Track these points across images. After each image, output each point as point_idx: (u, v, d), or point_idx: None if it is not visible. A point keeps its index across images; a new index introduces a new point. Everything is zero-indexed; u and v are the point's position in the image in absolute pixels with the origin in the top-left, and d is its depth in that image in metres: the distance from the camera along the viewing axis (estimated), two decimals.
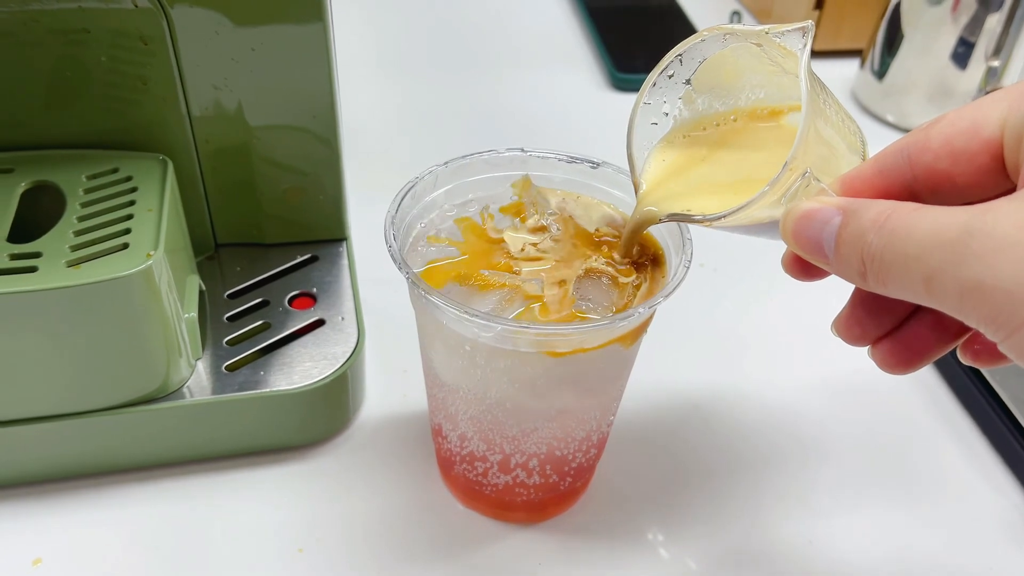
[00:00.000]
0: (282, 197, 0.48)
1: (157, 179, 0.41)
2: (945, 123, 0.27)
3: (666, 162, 0.36)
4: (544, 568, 0.40)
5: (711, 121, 0.36)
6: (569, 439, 0.37)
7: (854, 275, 0.26)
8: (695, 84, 0.34)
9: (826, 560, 0.41)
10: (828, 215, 0.27)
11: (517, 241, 0.36)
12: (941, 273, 0.23)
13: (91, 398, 0.39)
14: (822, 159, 0.30)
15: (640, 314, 0.32)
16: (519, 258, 0.36)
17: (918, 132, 0.28)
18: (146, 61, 0.41)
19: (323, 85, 0.44)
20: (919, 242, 0.24)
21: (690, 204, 0.33)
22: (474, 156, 0.39)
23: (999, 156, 0.26)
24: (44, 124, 0.42)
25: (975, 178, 0.27)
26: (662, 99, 0.35)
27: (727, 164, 0.35)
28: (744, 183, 0.33)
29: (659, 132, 0.36)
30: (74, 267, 0.36)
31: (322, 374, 0.42)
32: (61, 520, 0.40)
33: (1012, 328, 0.23)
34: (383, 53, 0.78)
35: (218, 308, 0.45)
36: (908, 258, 0.24)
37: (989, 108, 0.26)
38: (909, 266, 0.24)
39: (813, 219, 0.27)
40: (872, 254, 0.25)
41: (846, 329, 0.32)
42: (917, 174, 0.28)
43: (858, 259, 0.26)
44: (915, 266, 0.24)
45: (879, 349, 0.32)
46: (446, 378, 0.36)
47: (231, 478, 0.42)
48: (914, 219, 0.24)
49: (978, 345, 0.31)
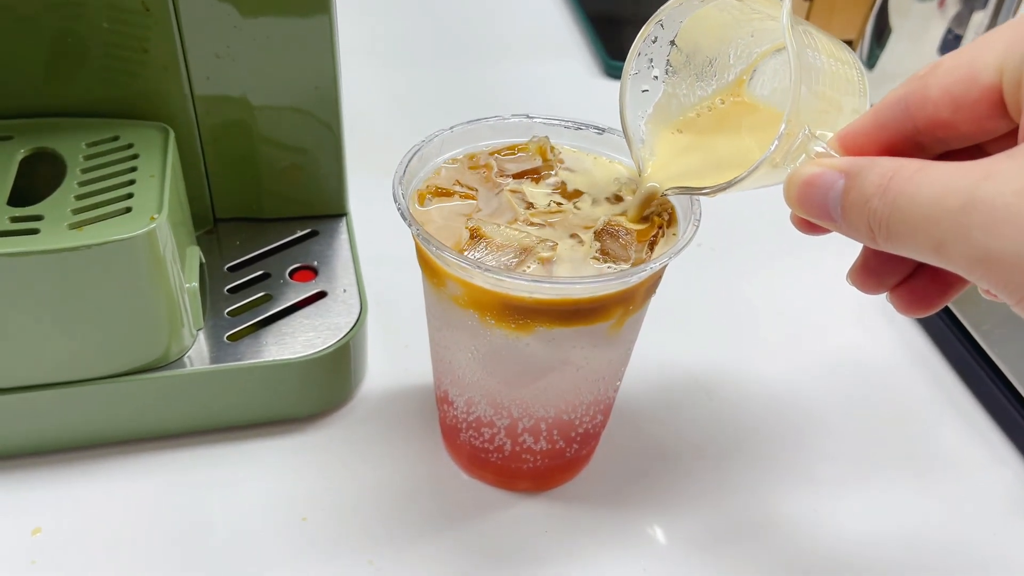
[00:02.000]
0: (283, 172, 0.47)
1: (159, 147, 0.41)
2: (942, 72, 0.27)
3: (666, 144, 0.36)
4: (549, 536, 0.40)
5: (704, 106, 0.36)
6: (577, 402, 0.37)
7: (863, 238, 0.26)
8: (680, 44, 0.35)
9: (829, 530, 0.41)
10: (831, 179, 0.27)
11: (540, 196, 0.37)
12: (948, 243, 0.23)
13: (93, 365, 0.38)
14: (819, 113, 0.30)
15: (652, 268, 0.32)
16: (538, 211, 0.36)
17: (915, 81, 0.27)
18: (148, 26, 0.40)
19: (326, 55, 0.43)
20: (923, 211, 0.24)
21: (694, 181, 0.33)
22: (480, 121, 0.39)
23: (999, 101, 0.26)
24: (44, 92, 0.41)
25: (977, 124, 0.27)
26: (649, 64, 0.35)
27: (726, 144, 0.35)
28: (745, 157, 0.33)
29: (651, 98, 0.36)
30: (76, 229, 0.36)
31: (325, 344, 0.42)
32: (61, 490, 0.40)
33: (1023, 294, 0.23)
34: (379, 41, 0.78)
35: (218, 281, 0.45)
36: (914, 226, 0.24)
37: (984, 53, 0.26)
38: (916, 234, 0.24)
39: (816, 185, 0.27)
40: (878, 220, 0.25)
41: (861, 280, 0.32)
42: (918, 124, 0.27)
43: (865, 225, 0.26)
44: (922, 235, 0.24)
45: (896, 295, 0.32)
46: (454, 339, 0.36)
47: (234, 449, 0.42)
48: (916, 184, 0.24)
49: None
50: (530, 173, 0.38)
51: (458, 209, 0.36)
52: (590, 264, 0.34)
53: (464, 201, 0.37)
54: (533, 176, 0.38)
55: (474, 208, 0.36)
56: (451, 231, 0.35)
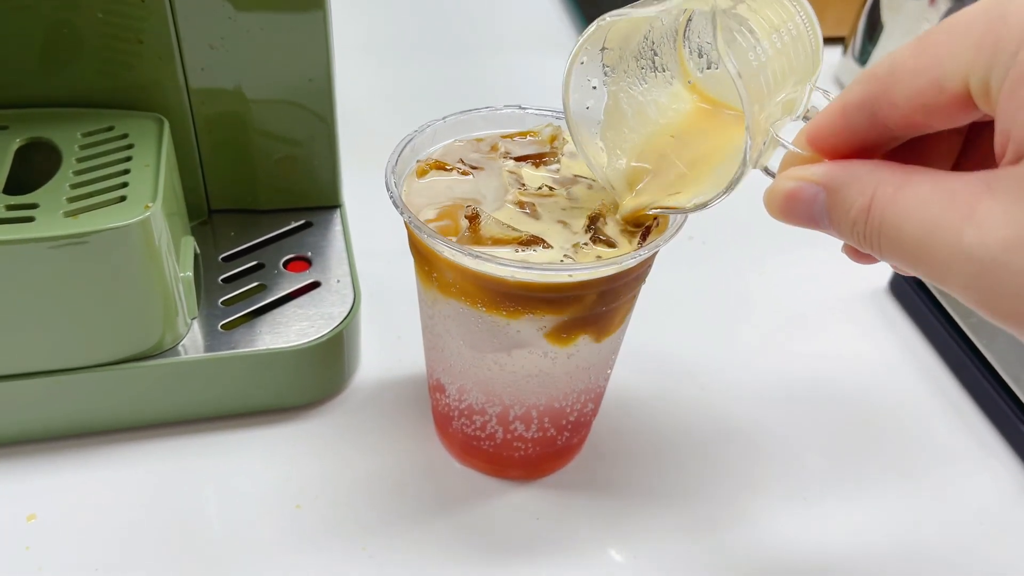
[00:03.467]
0: (277, 163, 0.48)
1: (154, 136, 0.41)
2: (904, 79, 0.25)
3: (631, 174, 0.36)
4: (540, 523, 0.40)
5: (656, 118, 0.35)
6: (568, 390, 0.37)
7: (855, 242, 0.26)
8: (609, 44, 0.34)
9: (819, 520, 0.41)
10: (812, 193, 0.27)
11: (536, 179, 0.37)
12: (942, 279, 0.24)
13: (88, 353, 0.39)
14: (779, 105, 0.30)
15: (640, 256, 0.32)
16: (528, 192, 0.36)
17: (874, 83, 0.26)
18: (143, 17, 0.41)
19: (320, 47, 0.44)
20: (912, 245, 0.24)
21: (669, 202, 0.33)
22: (472, 112, 0.39)
23: (969, 102, 0.25)
24: (38, 82, 0.42)
25: (951, 119, 0.26)
26: (586, 80, 0.35)
27: (693, 155, 0.34)
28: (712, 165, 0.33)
29: (597, 114, 0.36)
30: (72, 217, 0.36)
31: (319, 333, 0.42)
32: (55, 477, 0.40)
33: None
34: (374, 36, 0.79)
35: (212, 271, 0.45)
36: (904, 254, 0.24)
37: (945, 61, 0.24)
38: (907, 260, 0.25)
39: (799, 199, 0.27)
40: (868, 239, 0.25)
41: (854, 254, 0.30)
42: (889, 124, 0.27)
43: (856, 240, 0.26)
44: (913, 264, 0.24)
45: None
46: (446, 326, 0.36)
47: (228, 438, 0.42)
48: (899, 213, 0.24)
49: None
50: (533, 158, 0.38)
51: (452, 185, 0.37)
52: (581, 250, 0.34)
53: (461, 177, 0.37)
54: (535, 161, 0.38)
55: (471, 187, 0.37)
56: (444, 209, 0.35)
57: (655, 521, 0.40)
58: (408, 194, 0.36)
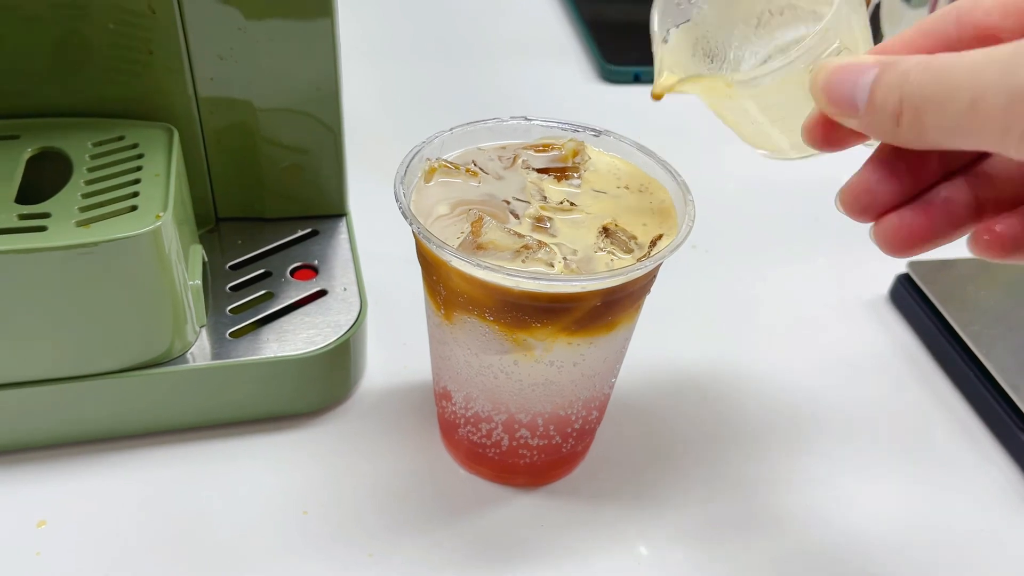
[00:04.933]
0: (284, 173, 0.48)
1: (163, 146, 0.41)
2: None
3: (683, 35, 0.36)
4: (545, 530, 0.40)
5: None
6: (573, 398, 0.38)
7: (887, 121, 0.26)
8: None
9: (820, 527, 0.42)
10: (864, 67, 0.27)
11: (557, 193, 0.38)
12: (989, 90, 0.23)
13: (98, 361, 0.39)
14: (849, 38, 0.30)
15: (645, 267, 0.33)
16: (554, 207, 0.37)
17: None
18: (153, 28, 0.41)
19: (327, 58, 0.44)
20: (968, 67, 0.24)
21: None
22: (479, 123, 0.40)
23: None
24: (49, 92, 0.42)
25: (1022, 34, 0.26)
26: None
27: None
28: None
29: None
30: (84, 227, 0.36)
31: (326, 340, 0.43)
32: (65, 484, 0.40)
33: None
34: (380, 44, 0.79)
35: (220, 279, 0.46)
36: (954, 87, 0.24)
37: None
38: (954, 95, 0.24)
39: (848, 70, 0.27)
40: (913, 90, 0.25)
41: (854, 198, 0.31)
42: (962, 34, 0.27)
43: (896, 100, 0.26)
44: (961, 93, 0.24)
45: (883, 225, 0.31)
46: (453, 335, 0.36)
47: (236, 444, 0.43)
48: (960, 55, 0.24)
49: (988, 235, 0.30)
50: (554, 171, 0.39)
51: (461, 189, 0.37)
52: (595, 258, 0.34)
53: (467, 180, 0.38)
54: (557, 175, 0.39)
55: (479, 193, 0.37)
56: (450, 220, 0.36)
57: (659, 527, 0.41)
58: (416, 200, 0.37)
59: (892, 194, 0.30)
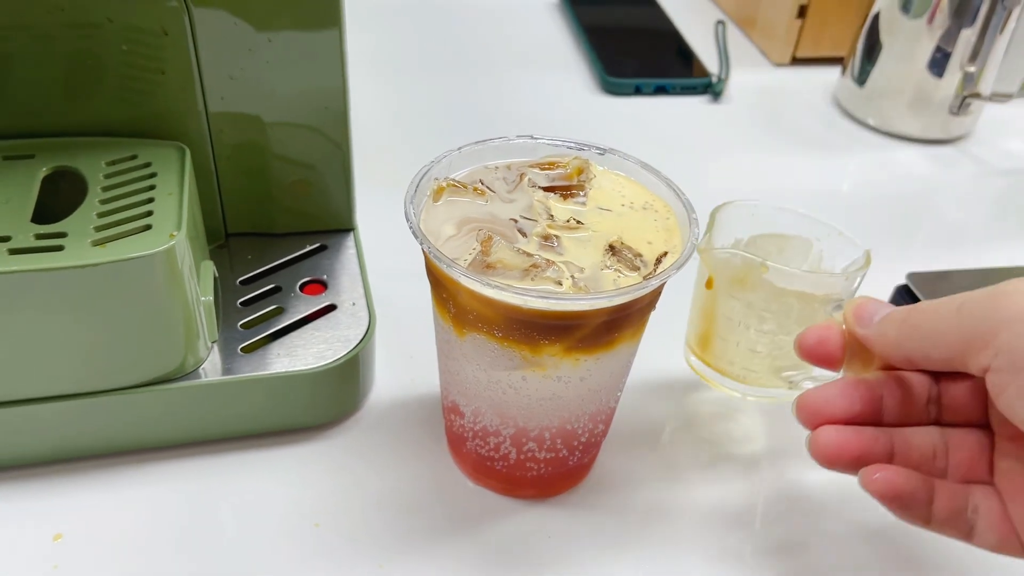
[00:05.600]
0: (293, 188, 0.49)
1: (176, 165, 0.42)
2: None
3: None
4: (553, 542, 0.41)
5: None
6: (580, 412, 0.39)
7: (892, 329, 0.34)
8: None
9: (824, 533, 0.42)
10: (882, 304, 0.36)
11: (564, 211, 0.38)
12: (970, 298, 0.31)
13: (112, 377, 0.40)
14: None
15: (650, 286, 0.34)
16: (561, 226, 0.37)
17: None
18: (165, 48, 0.42)
19: (335, 76, 0.45)
20: (949, 299, 0.32)
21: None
22: (486, 142, 0.41)
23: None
24: (63, 112, 0.43)
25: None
26: None
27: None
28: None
29: None
30: (100, 246, 0.37)
31: (336, 355, 0.43)
32: (81, 497, 0.41)
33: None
34: (385, 58, 0.80)
35: (231, 294, 0.46)
36: (942, 301, 0.32)
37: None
38: (943, 302, 0.32)
39: (872, 303, 0.36)
40: (905, 316, 0.33)
41: (809, 407, 0.35)
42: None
43: (898, 320, 0.34)
44: (949, 302, 0.32)
45: (819, 435, 0.35)
46: (463, 351, 0.37)
47: (247, 458, 0.43)
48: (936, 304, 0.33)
49: (876, 474, 0.34)
50: (560, 189, 0.40)
51: (468, 207, 0.38)
52: (602, 276, 0.35)
53: (475, 199, 0.38)
54: (563, 193, 0.39)
55: (486, 212, 0.38)
56: (459, 239, 0.37)
57: (665, 539, 0.42)
58: (425, 219, 0.37)
59: (843, 412, 0.35)
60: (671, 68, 0.80)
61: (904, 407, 0.35)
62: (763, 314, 0.42)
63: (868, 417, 0.35)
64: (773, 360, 0.42)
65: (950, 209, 0.69)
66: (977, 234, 0.66)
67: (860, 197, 0.69)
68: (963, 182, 0.72)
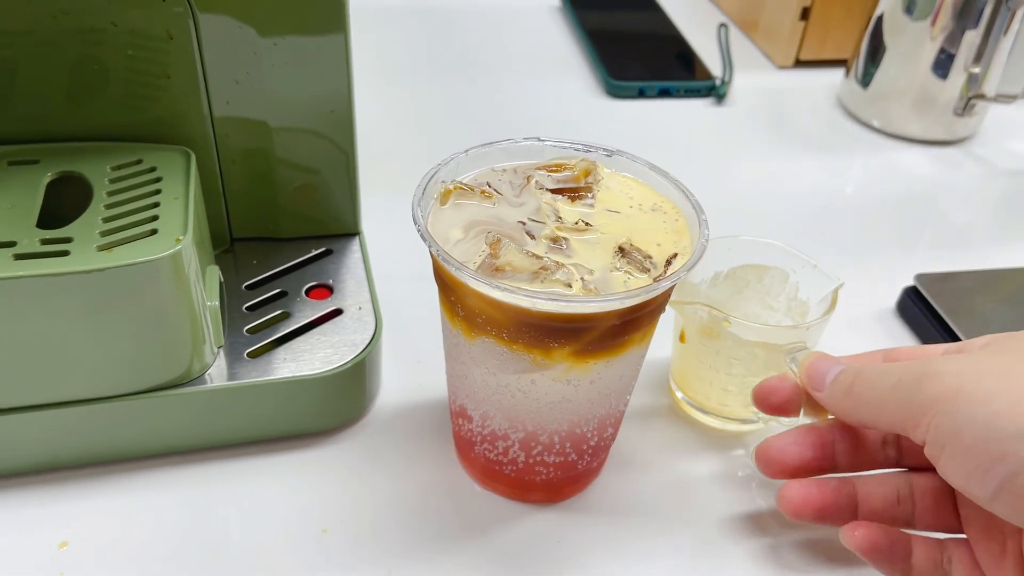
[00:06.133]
0: (298, 193, 0.49)
1: (181, 170, 0.42)
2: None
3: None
4: (561, 546, 0.41)
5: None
6: (589, 416, 0.38)
7: (841, 398, 0.36)
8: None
9: (829, 539, 0.42)
10: (833, 364, 0.38)
11: (572, 214, 0.38)
12: (904, 376, 0.33)
13: (119, 382, 0.40)
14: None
15: (661, 288, 0.33)
16: (570, 228, 0.37)
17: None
18: (170, 53, 0.42)
19: (341, 80, 0.45)
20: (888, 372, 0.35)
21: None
22: (493, 145, 0.40)
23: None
24: (68, 117, 0.43)
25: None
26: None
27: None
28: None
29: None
30: (105, 251, 0.37)
31: (342, 360, 0.43)
32: (86, 504, 0.41)
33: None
34: (392, 64, 0.80)
35: (236, 299, 0.46)
36: (881, 373, 0.35)
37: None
38: (883, 374, 0.34)
39: (825, 361, 0.38)
40: (859, 379, 0.36)
41: (767, 455, 0.40)
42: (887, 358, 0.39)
43: (848, 382, 0.36)
44: (888, 375, 0.34)
45: (786, 490, 0.39)
46: (471, 354, 0.37)
47: (254, 463, 0.43)
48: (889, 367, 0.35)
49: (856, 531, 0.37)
50: (567, 191, 0.39)
51: (476, 210, 0.38)
52: (611, 278, 0.35)
53: (482, 202, 0.38)
54: (571, 195, 0.39)
55: (494, 214, 0.38)
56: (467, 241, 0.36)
57: (674, 543, 0.41)
58: (433, 222, 0.37)
59: (796, 459, 0.39)
60: (674, 71, 0.80)
61: (857, 452, 0.39)
62: (731, 360, 0.44)
63: (821, 463, 0.38)
64: (744, 398, 0.44)
65: (955, 210, 0.69)
66: (983, 235, 0.66)
67: (865, 198, 0.69)
68: (968, 183, 0.72)
